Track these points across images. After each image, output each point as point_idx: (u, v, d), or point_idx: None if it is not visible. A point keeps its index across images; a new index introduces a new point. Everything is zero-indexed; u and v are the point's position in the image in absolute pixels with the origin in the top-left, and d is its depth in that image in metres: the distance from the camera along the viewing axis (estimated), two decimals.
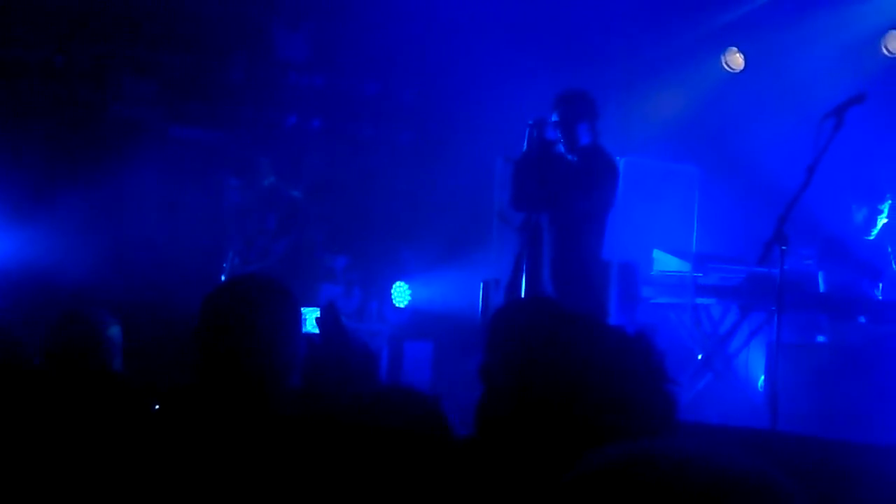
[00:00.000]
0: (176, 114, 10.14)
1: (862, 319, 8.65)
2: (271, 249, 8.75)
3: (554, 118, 7.51)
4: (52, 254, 9.01)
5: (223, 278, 8.54)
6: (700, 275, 9.31)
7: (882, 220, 9.03)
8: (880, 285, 9.07)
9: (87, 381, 3.69)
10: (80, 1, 9.61)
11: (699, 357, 9.37)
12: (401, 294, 10.96)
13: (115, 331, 4.85)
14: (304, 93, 10.88)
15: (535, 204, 7.52)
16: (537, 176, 7.44)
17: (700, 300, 9.41)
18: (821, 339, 8.88)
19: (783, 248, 6.55)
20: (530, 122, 7.50)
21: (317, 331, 3.42)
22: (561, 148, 7.50)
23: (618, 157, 7.95)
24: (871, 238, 9.01)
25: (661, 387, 2.30)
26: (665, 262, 9.61)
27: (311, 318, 3.52)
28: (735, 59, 10.78)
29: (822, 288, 9.07)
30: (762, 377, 8.92)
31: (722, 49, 10.81)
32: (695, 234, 10.66)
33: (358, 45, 10.92)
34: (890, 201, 9.01)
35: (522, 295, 7.35)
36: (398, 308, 10.93)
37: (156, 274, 9.08)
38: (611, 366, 2.29)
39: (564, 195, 7.43)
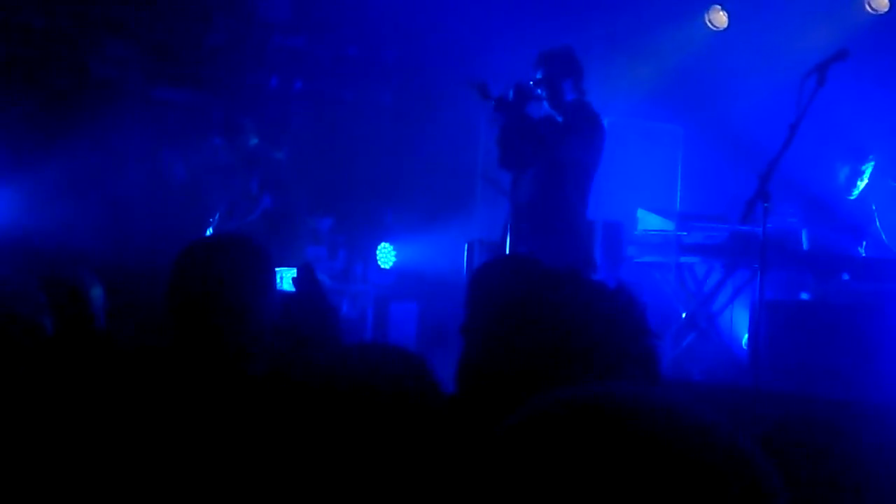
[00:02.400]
0: (157, 75, 10.09)
1: (845, 277, 8.68)
2: (254, 211, 8.73)
3: (538, 76, 7.49)
4: (34, 216, 8.98)
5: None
6: (684, 233, 9.33)
7: (862, 183, 9.05)
8: (864, 243, 9.10)
9: (71, 340, 3.68)
10: None
11: (683, 315, 9.39)
12: (386, 255, 10.96)
13: (97, 292, 4.84)
14: (286, 54, 10.83)
15: (522, 164, 7.49)
16: (523, 135, 7.42)
17: (684, 259, 9.43)
18: (804, 296, 8.91)
19: (766, 205, 6.56)
20: (513, 83, 7.46)
21: (293, 290, 3.38)
22: (546, 105, 7.49)
23: (602, 117, 7.94)
24: (853, 198, 9.04)
25: (643, 340, 2.30)
26: (649, 222, 9.62)
27: (287, 278, 3.49)
28: (718, 17, 10.75)
29: (805, 246, 9.09)
30: (746, 335, 8.96)
31: (706, 7, 10.78)
32: (678, 193, 10.67)
33: (340, 6, 10.87)
34: (872, 162, 9.03)
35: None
36: (383, 269, 10.93)
37: (139, 236, 9.05)
38: (592, 320, 2.28)
39: (548, 146, 7.41)
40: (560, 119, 7.45)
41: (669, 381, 5.74)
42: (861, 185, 9.09)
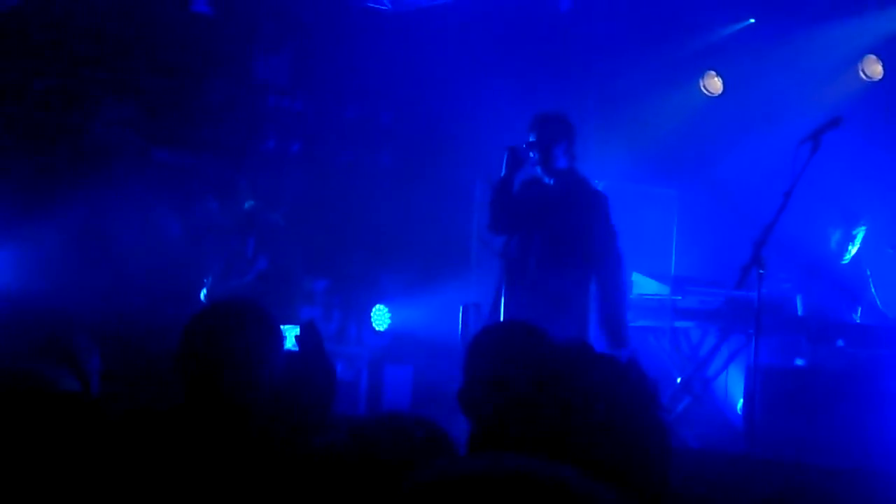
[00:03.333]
0: (155, 136, 10.12)
1: (840, 343, 8.67)
2: (249, 273, 8.73)
3: (531, 139, 7.52)
4: (31, 277, 8.98)
5: (203, 300, 8.52)
6: (679, 298, 9.34)
7: (853, 248, 9.08)
8: (859, 309, 9.11)
9: (64, 407, 3.67)
10: (58, 24, 9.59)
11: (678, 380, 9.38)
12: (380, 317, 10.95)
13: (91, 356, 4.81)
14: (283, 116, 10.89)
15: (513, 228, 7.51)
16: (514, 200, 7.45)
17: (679, 323, 9.44)
18: (799, 362, 8.90)
19: (760, 271, 6.58)
20: (507, 147, 7.50)
21: (296, 348, 3.46)
22: (537, 170, 7.52)
23: (597, 181, 7.97)
24: (845, 262, 9.06)
25: (654, 414, 2.29)
26: (644, 286, 9.63)
27: (290, 336, 3.58)
28: (713, 83, 10.83)
29: (800, 311, 9.10)
30: (741, 400, 8.94)
31: (700, 73, 10.86)
32: (673, 257, 10.68)
33: (337, 68, 10.94)
34: (864, 227, 9.06)
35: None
36: (378, 331, 10.92)
37: (136, 297, 9.05)
38: (604, 394, 2.27)
39: (544, 219, 7.44)
40: (550, 182, 7.48)
41: None
42: (853, 249, 9.12)
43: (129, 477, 3.02)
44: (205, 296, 8.54)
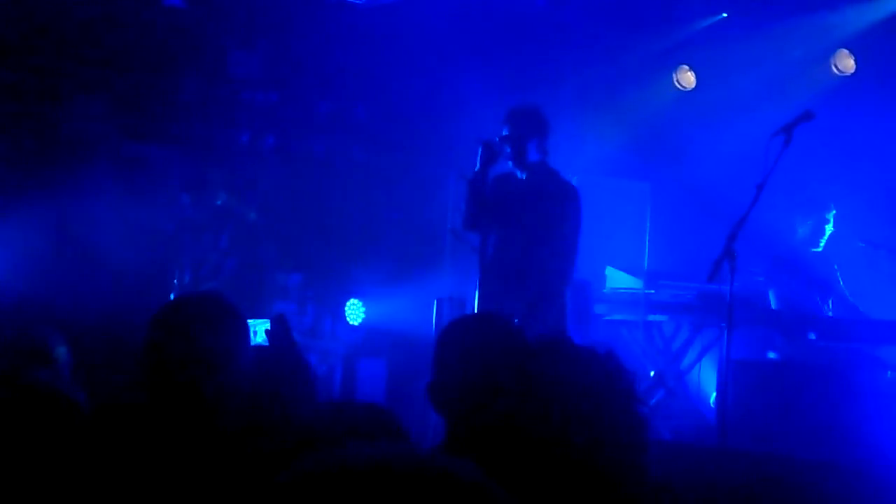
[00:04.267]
0: (128, 131, 10.08)
1: (812, 336, 8.70)
2: (223, 267, 8.69)
3: (504, 132, 7.53)
4: (1, 271, 8.94)
5: (173, 296, 8.48)
6: (652, 292, 9.36)
7: (829, 230, 9.11)
8: (830, 301, 9.15)
9: (34, 400, 3.65)
10: (30, 19, 9.54)
11: (651, 374, 9.40)
12: (355, 312, 10.93)
13: (62, 351, 4.81)
14: (257, 110, 10.85)
15: (488, 224, 7.52)
16: (489, 196, 7.45)
17: (652, 317, 9.46)
18: (772, 355, 8.94)
19: (732, 264, 6.61)
20: (481, 140, 7.51)
21: (266, 343, 3.43)
22: (509, 164, 7.53)
23: (570, 175, 7.98)
24: (820, 249, 9.09)
25: (633, 408, 2.26)
26: (617, 280, 9.66)
27: (261, 330, 3.56)
28: (686, 77, 10.86)
29: (773, 305, 9.14)
30: (714, 393, 8.97)
31: (674, 67, 10.89)
32: (646, 251, 10.71)
33: (311, 62, 10.91)
34: (834, 211, 9.10)
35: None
36: (352, 326, 10.91)
37: (107, 292, 9.01)
38: (582, 387, 2.24)
39: (520, 214, 7.45)
40: (522, 176, 7.50)
41: None
42: (828, 232, 9.14)
43: (95, 471, 3.01)
44: (176, 292, 8.49)
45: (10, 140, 9.49)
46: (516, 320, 4.80)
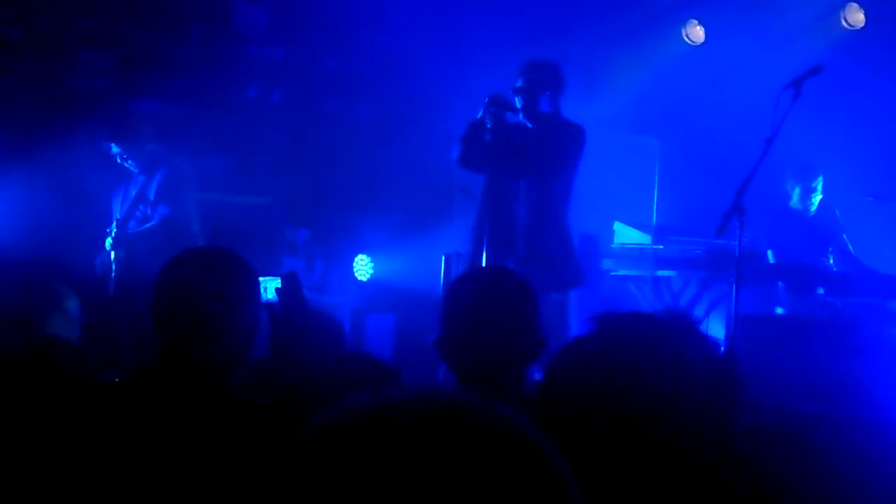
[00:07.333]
0: (134, 87, 10.04)
1: (821, 291, 8.72)
2: (152, 217, 8.57)
3: (518, 83, 7.50)
4: (6, 226, 8.95)
5: (107, 246, 8.36)
6: (660, 247, 9.35)
7: (817, 197, 9.12)
8: (830, 255, 9.16)
9: (44, 351, 3.66)
10: None
11: None
12: (363, 267, 10.93)
13: (72, 303, 4.81)
14: (263, 66, 10.81)
15: (484, 164, 7.43)
16: (492, 138, 7.39)
17: (660, 272, 9.45)
18: (780, 310, 8.94)
19: (741, 219, 6.60)
20: (488, 97, 7.45)
21: (277, 300, 3.38)
22: (520, 115, 7.50)
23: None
24: (812, 214, 9.12)
25: (731, 394, 2.03)
26: (626, 235, 9.64)
27: (271, 287, 3.49)
28: (695, 32, 10.80)
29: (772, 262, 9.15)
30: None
31: (682, 22, 10.82)
32: (655, 206, 10.69)
33: (318, 17, 10.86)
34: (821, 176, 9.11)
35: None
36: (360, 281, 10.90)
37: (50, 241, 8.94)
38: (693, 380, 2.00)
39: (528, 162, 7.44)
40: (532, 126, 7.47)
41: None
42: (817, 199, 9.15)
43: (101, 431, 2.99)
44: (110, 241, 8.35)
45: (12, 94, 9.47)
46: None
